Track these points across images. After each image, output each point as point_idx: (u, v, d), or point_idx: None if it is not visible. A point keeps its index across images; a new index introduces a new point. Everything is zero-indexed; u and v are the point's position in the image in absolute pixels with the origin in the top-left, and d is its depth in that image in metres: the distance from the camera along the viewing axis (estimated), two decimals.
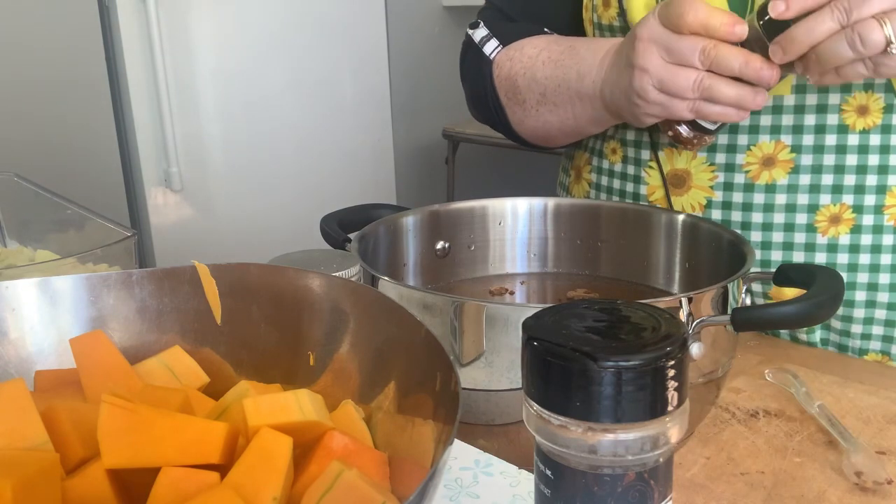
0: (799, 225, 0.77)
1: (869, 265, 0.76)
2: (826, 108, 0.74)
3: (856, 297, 0.77)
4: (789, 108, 0.75)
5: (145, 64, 1.81)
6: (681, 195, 0.81)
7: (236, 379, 0.49)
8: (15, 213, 1.01)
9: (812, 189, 0.76)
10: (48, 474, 0.37)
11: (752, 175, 0.77)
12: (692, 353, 0.53)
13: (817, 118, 0.74)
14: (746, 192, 0.78)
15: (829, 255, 0.77)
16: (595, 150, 0.89)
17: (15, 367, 0.48)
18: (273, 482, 0.37)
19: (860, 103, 0.73)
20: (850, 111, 0.74)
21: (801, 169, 0.76)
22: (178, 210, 1.95)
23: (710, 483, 0.55)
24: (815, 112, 0.74)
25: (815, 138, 0.75)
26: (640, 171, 0.84)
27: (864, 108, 0.73)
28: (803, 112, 0.75)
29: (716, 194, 0.79)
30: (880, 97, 0.73)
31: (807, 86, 0.74)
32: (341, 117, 2.22)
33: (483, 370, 0.53)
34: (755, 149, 0.77)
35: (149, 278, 0.51)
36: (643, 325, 0.28)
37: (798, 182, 0.76)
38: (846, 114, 0.74)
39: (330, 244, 0.68)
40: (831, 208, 0.76)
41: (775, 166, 0.76)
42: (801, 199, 0.76)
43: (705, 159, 0.79)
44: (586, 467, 0.27)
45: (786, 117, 0.75)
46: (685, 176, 0.81)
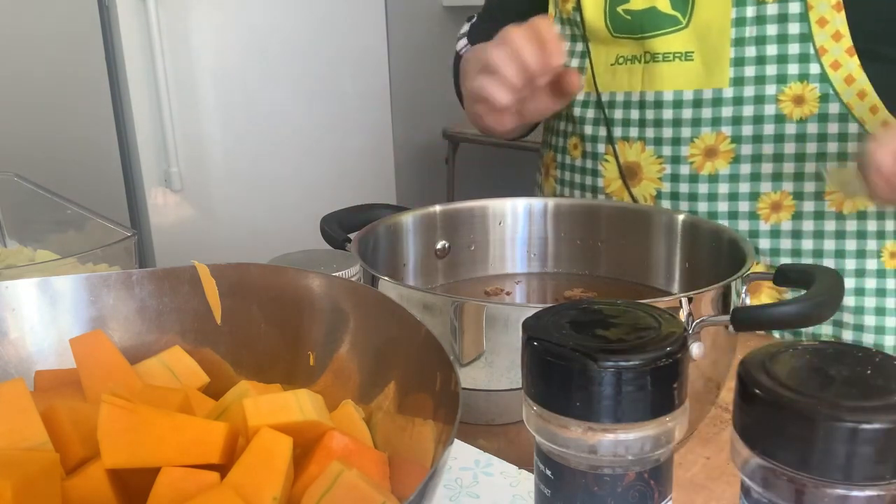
0: (742, 213, 0.79)
1: (812, 250, 0.78)
2: (763, 99, 0.76)
3: None
4: (728, 101, 0.77)
5: (145, 64, 1.81)
6: (633, 187, 0.84)
7: (236, 379, 0.49)
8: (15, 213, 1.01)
9: (753, 178, 0.78)
10: (48, 474, 0.37)
11: (697, 166, 0.80)
12: (692, 353, 0.53)
13: (755, 108, 0.77)
14: (692, 183, 0.81)
15: (773, 240, 0.79)
16: (559, 148, 0.93)
17: (15, 367, 0.48)
18: (273, 482, 0.37)
19: (796, 93, 0.75)
20: (786, 101, 0.76)
21: (741, 158, 0.78)
22: (178, 210, 1.95)
23: (710, 483, 0.55)
24: (753, 103, 0.77)
25: (753, 129, 0.77)
26: (597, 164, 0.87)
27: (800, 97, 0.75)
28: (742, 103, 0.77)
29: (664, 185, 0.82)
30: (815, 87, 0.75)
31: (744, 77, 0.76)
32: (341, 117, 2.22)
33: (483, 370, 0.53)
34: (698, 140, 0.79)
35: (149, 278, 0.51)
36: (643, 325, 0.28)
37: (739, 171, 0.78)
38: (783, 104, 0.76)
39: (330, 244, 0.68)
40: (772, 195, 0.78)
41: (717, 157, 0.79)
42: (743, 187, 0.79)
43: (653, 152, 0.82)
44: (586, 467, 0.27)
45: (725, 109, 0.77)
46: (636, 168, 0.84)
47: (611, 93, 0.84)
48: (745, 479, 0.26)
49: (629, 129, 0.83)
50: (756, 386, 0.24)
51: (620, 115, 0.84)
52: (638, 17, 0.80)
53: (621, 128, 0.84)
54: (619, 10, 0.80)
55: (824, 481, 0.23)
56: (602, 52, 0.84)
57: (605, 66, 0.84)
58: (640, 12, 0.79)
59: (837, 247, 0.78)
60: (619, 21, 0.81)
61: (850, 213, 0.77)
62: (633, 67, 0.82)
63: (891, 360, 0.25)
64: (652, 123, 0.82)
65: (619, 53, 0.83)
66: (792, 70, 0.75)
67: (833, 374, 0.25)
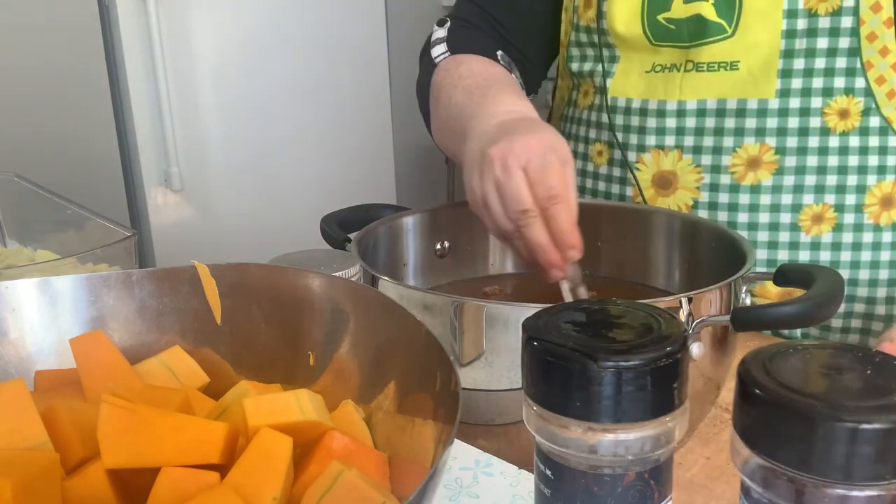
0: (783, 224, 0.78)
1: (850, 262, 0.79)
2: (809, 112, 0.76)
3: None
4: (773, 112, 0.77)
5: (145, 64, 1.81)
6: (667, 196, 0.83)
7: (236, 379, 0.49)
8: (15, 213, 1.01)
9: (796, 189, 0.78)
10: (48, 474, 0.37)
11: (738, 176, 0.79)
12: (692, 353, 0.53)
13: (800, 121, 0.76)
14: (732, 193, 0.80)
15: (813, 252, 0.79)
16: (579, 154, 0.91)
17: (15, 367, 0.48)
18: (273, 482, 0.37)
19: (841, 107, 0.75)
20: (831, 114, 0.75)
21: (785, 170, 0.77)
22: (178, 210, 1.95)
23: (710, 483, 0.55)
24: (799, 115, 0.76)
25: (798, 140, 0.77)
26: (626, 172, 0.85)
27: (845, 111, 0.75)
28: (787, 115, 0.76)
29: (702, 195, 0.81)
30: (860, 101, 0.75)
31: (790, 90, 0.76)
32: (341, 117, 2.22)
33: (483, 370, 0.53)
34: (741, 150, 0.78)
35: (149, 278, 0.51)
36: (643, 325, 0.28)
37: (782, 183, 0.78)
38: (828, 117, 0.76)
39: (330, 244, 0.68)
40: (814, 208, 0.78)
41: (760, 167, 0.78)
42: (786, 199, 0.78)
43: (692, 161, 0.81)
44: (586, 467, 0.27)
45: (770, 120, 0.77)
46: (671, 178, 0.82)
47: (643, 100, 0.82)
48: (745, 479, 0.25)
49: (664, 137, 0.81)
50: (756, 386, 0.24)
51: (654, 123, 0.81)
52: (682, 26, 0.78)
53: (655, 136, 0.82)
54: (659, 18, 0.78)
55: (824, 481, 0.23)
56: (635, 59, 0.82)
57: (639, 73, 0.82)
58: (684, 20, 0.77)
59: (874, 258, 0.78)
60: (660, 29, 0.79)
61: (887, 225, 0.78)
62: (670, 76, 0.80)
63: (891, 360, 0.25)
64: (692, 132, 0.80)
65: (657, 61, 0.81)
66: (838, 84, 0.75)
67: (833, 374, 0.25)
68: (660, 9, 0.78)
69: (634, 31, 0.80)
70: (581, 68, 0.88)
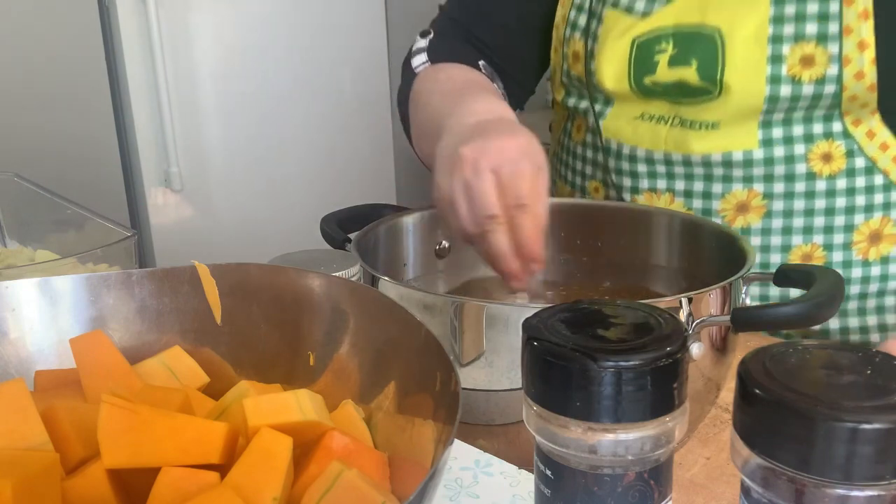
0: (773, 264, 0.80)
1: None
2: (794, 159, 0.77)
3: (829, 326, 0.82)
4: (759, 161, 0.78)
5: (145, 64, 1.81)
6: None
7: (236, 379, 0.49)
8: (15, 213, 1.01)
9: (784, 231, 0.79)
10: (48, 474, 0.37)
11: (728, 220, 0.80)
12: (692, 353, 0.53)
13: (786, 168, 0.77)
14: None
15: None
16: (577, 186, 0.91)
17: (15, 367, 0.48)
18: (273, 482, 0.37)
19: (823, 151, 0.76)
20: (815, 160, 0.76)
21: (773, 214, 0.79)
22: (178, 210, 1.95)
23: (711, 483, 0.55)
24: (784, 163, 0.77)
25: (785, 186, 0.78)
26: None
27: (828, 155, 0.76)
28: (772, 163, 0.77)
29: None
30: (840, 144, 0.76)
31: (773, 139, 0.77)
32: (341, 117, 2.22)
33: (483, 370, 0.53)
34: (729, 196, 0.79)
35: (149, 278, 0.51)
36: (643, 326, 0.28)
37: (771, 226, 0.79)
38: (812, 162, 0.77)
39: (330, 244, 0.68)
40: (803, 248, 0.79)
41: (749, 212, 0.79)
42: (775, 240, 0.79)
43: (684, 204, 0.82)
44: (586, 467, 0.27)
45: (756, 168, 0.78)
46: None
47: (631, 147, 0.82)
48: (745, 479, 0.25)
49: (656, 180, 0.82)
50: (756, 386, 0.24)
51: (645, 168, 0.82)
52: (667, 89, 0.78)
53: (647, 180, 0.82)
54: (646, 80, 0.79)
55: (824, 481, 0.23)
56: (626, 106, 0.82)
57: (628, 119, 0.82)
58: (671, 84, 0.78)
59: (862, 290, 0.80)
60: (646, 89, 0.79)
61: (875, 260, 0.79)
62: (657, 128, 0.80)
63: (891, 360, 0.25)
64: (682, 177, 0.81)
65: (646, 111, 0.81)
66: (817, 130, 0.76)
67: (833, 374, 0.25)
68: (645, 72, 0.79)
69: (623, 88, 0.81)
70: (575, 104, 0.88)
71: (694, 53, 0.76)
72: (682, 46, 0.77)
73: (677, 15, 0.77)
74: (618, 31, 0.80)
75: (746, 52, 0.74)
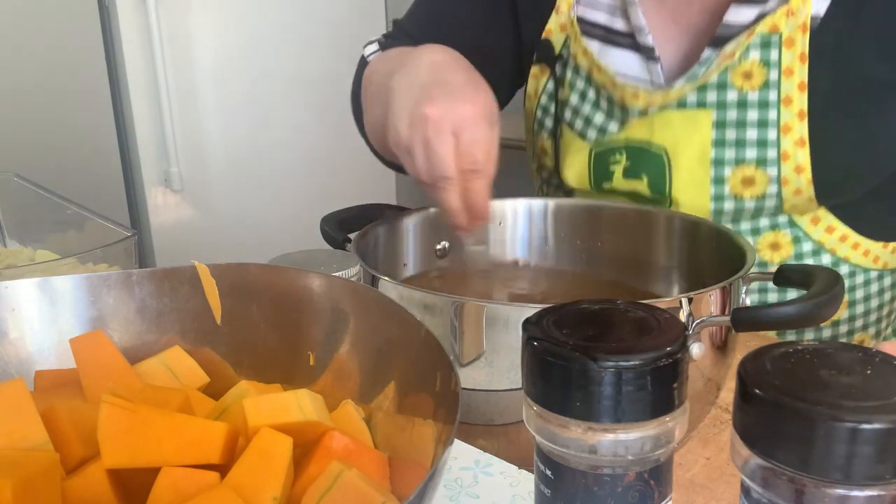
0: None
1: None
2: None
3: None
4: None
5: (145, 64, 1.81)
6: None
7: (236, 379, 0.49)
8: (15, 213, 1.01)
9: None
10: (48, 474, 0.37)
11: None
12: (692, 353, 0.53)
13: None
14: None
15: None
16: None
17: (15, 367, 0.48)
18: (273, 482, 0.37)
19: (770, 241, 0.79)
20: (764, 248, 0.80)
21: None
22: (178, 210, 1.95)
23: (711, 483, 0.55)
24: None
25: None
26: None
27: (776, 244, 0.80)
28: None
29: None
30: (787, 231, 0.79)
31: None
32: (341, 117, 2.20)
33: (483, 370, 0.53)
34: None
35: (149, 278, 0.51)
36: (643, 325, 0.28)
37: None
38: (762, 251, 0.80)
39: (330, 244, 0.68)
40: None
41: None
42: None
43: None
44: (586, 467, 0.27)
45: None
46: None
47: None
48: (745, 479, 0.25)
49: None
50: (756, 386, 0.24)
51: None
52: (624, 197, 0.82)
53: None
54: (604, 186, 0.82)
55: (824, 481, 0.23)
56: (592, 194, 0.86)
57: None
58: (626, 193, 0.81)
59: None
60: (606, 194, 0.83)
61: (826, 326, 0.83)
62: None
63: (891, 360, 0.25)
64: None
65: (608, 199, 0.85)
66: (763, 223, 0.79)
67: (833, 374, 0.25)
68: (603, 178, 0.82)
69: (585, 188, 0.84)
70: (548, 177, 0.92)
71: (644, 169, 0.79)
72: (633, 160, 0.80)
73: (628, 133, 0.80)
74: (575, 147, 0.84)
75: (691, 172, 0.77)
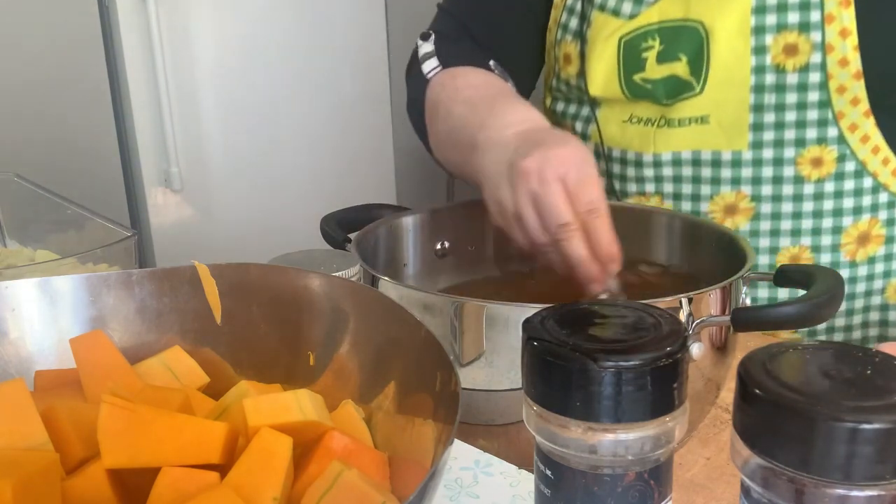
0: (761, 266, 0.80)
1: None
2: (782, 162, 0.78)
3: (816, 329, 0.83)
4: (747, 162, 0.78)
5: (145, 64, 1.80)
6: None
7: (236, 379, 0.49)
8: (15, 213, 1.01)
9: (773, 234, 0.80)
10: (48, 474, 0.37)
11: (717, 221, 0.81)
12: (692, 353, 0.53)
13: (774, 170, 0.78)
14: None
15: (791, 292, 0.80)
16: None
17: (15, 367, 0.48)
18: (273, 482, 0.37)
19: (814, 156, 0.77)
20: (804, 163, 0.77)
21: (761, 216, 0.79)
22: (178, 210, 1.95)
23: (711, 483, 0.55)
24: (773, 165, 0.78)
25: (773, 188, 0.78)
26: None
27: (819, 160, 0.77)
28: (761, 165, 0.78)
29: None
30: (833, 149, 0.76)
31: (763, 141, 0.78)
32: (341, 117, 2.22)
33: (483, 370, 0.53)
34: (718, 198, 0.80)
35: (149, 278, 0.51)
36: (643, 325, 0.28)
37: (759, 228, 0.80)
38: (801, 166, 0.77)
39: (330, 244, 0.68)
40: (791, 249, 0.80)
41: (737, 214, 0.80)
42: (763, 242, 0.80)
43: (672, 206, 0.82)
44: (586, 467, 0.27)
45: (745, 170, 0.78)
46: None
47: (622, 150, 0.83)
48: (745, 479, 0.25)
49: (644, 184, 0.82)
50: (756, 386, 0.24)
51: (633, 172, 0.83)
52: (657, 85, 0.79)
53: (636, 183, 0.83)
54: (635, 78, 0.79)
55: (824, 481, 0.23)
56: (615, 109, 0.83)
57: (617, 123, 0.83)
58: (660, 80, 0.78)
59: (849, 290, 0.80)
60: (636, 88, 0.80)
61: (862, 260, 0.80)
62: (645, 129, 0.81)
63: (891, 360, 0.25)
64: (671, 180, 0.81)
65: (634, 113, 0.82)
66: (810, 135, 0.76)
67: (833, 374, 0.25)
68: (635, 69, 0.79)
69: (612, 90, 0.81)
70: (563, 110, 0.89)
71: (680, 48, 0.77)
72: (668, 42, 0.78)
73: (661, 12, 0.78)
74: (606, 33, 0.81)
75: (730, 44, 0.75)
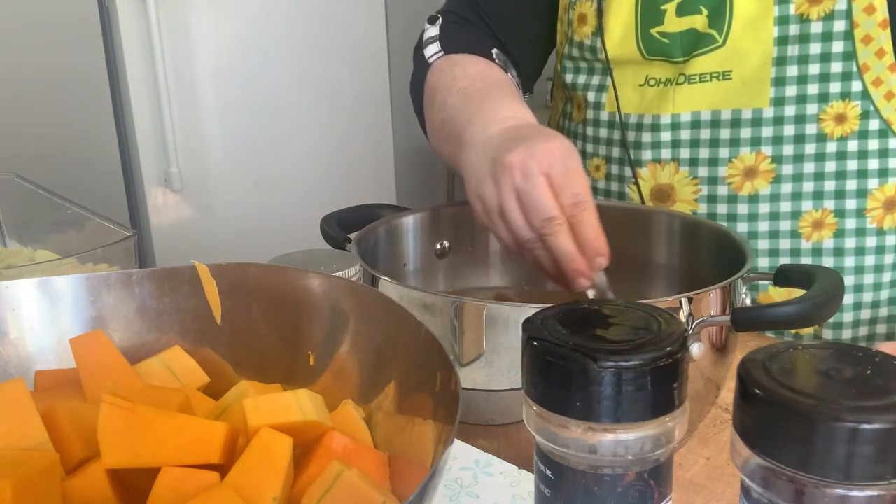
0: (783, 231, 0.78)
1: (854, 267, 0.78)
2: (805, 119, 0.75)
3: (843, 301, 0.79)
4: (768, 120, 0.76)
5: (145, 64, 1.81)
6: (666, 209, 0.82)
7: (236, 379, 0.49)
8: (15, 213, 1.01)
9: (794, 197, 0.77)
10: (48, 474, 0.37)
11: (735, 186, 0.79)
12: (692, 353, 0.53)
13: (796, 128, 0.76)
14: (730, 203, 0.79)
15: (815, 259, 0.79)
16: None
17: (15, 367, 0.48)
18: (273, 482, 0.37)
19: (837, 111, 0.75)
20: (827, 120, 0.75)
21: (782, 178, 0.77)
22: (178, 210, 1.95)
23: (711, 483, 0.55)
24: (794, 122, 0.76)
25: (794, 148, 0.76)
26: (624, 187, 0.85)
27: (842, 115, 0.75)
28: (782, 123, 0.76)
29: (700, 206, 0.81)
30: (857, 104, 0.74)
31: (785, 97, 0.75)
32: (341, 117, 2.22)
33: (483, 370, 0.53)
34: (737, 161, 0.78)
35: (149, 278, 0.51)
36: (643, 325, 0.28)
37: (780, 191, 0.78)
38: (824, 122, 0.75)
39: (330, 244, 0.68)
40: (814, 214, 0.77)
41: (757, 177, 0.78)
42: (784, 206, 0.78)
43: (689, 173, 0.80)
44: (586, 467, 0.27)
45: (765, 129, 0.76)
46: (669, 190, 0.82)
47: (639, 115, 0.81)
48: (745, 479, 0.25)
49: (660, 150, 0.81)
50: (756, 386, 0.24)
51: (650, 137, 0.81)
52: (675, 39, 0.77)
53: (651, 150, 0.81)
54: (653, 32, 0.78)
55: (824, 481, 0.23)
56: (629, 72, 0.81)
57: (633, 87, 0.82)
58: (678, 34, 0.77)
59: (877, 262, 0.78)
60: (653, 43, 0.78)
61: (891, 228, 0.77)
62: (664, 90, 0.79)
63: (891, 360, 0.25)
64: (688, 144, 0.80)
65: (650, 74, 0.80)
66: (834, 89, 0.74)
67: (833, 374, 0.25)
68: (653, 23, 0.78)
69: (628, 46, 0.80)
70: (575, 80, 0.87)
71: (702, 0, 0.75)
72: None
73: None
74: None
75: None
